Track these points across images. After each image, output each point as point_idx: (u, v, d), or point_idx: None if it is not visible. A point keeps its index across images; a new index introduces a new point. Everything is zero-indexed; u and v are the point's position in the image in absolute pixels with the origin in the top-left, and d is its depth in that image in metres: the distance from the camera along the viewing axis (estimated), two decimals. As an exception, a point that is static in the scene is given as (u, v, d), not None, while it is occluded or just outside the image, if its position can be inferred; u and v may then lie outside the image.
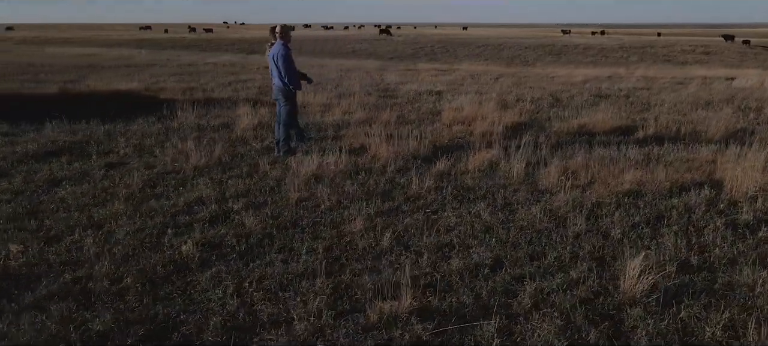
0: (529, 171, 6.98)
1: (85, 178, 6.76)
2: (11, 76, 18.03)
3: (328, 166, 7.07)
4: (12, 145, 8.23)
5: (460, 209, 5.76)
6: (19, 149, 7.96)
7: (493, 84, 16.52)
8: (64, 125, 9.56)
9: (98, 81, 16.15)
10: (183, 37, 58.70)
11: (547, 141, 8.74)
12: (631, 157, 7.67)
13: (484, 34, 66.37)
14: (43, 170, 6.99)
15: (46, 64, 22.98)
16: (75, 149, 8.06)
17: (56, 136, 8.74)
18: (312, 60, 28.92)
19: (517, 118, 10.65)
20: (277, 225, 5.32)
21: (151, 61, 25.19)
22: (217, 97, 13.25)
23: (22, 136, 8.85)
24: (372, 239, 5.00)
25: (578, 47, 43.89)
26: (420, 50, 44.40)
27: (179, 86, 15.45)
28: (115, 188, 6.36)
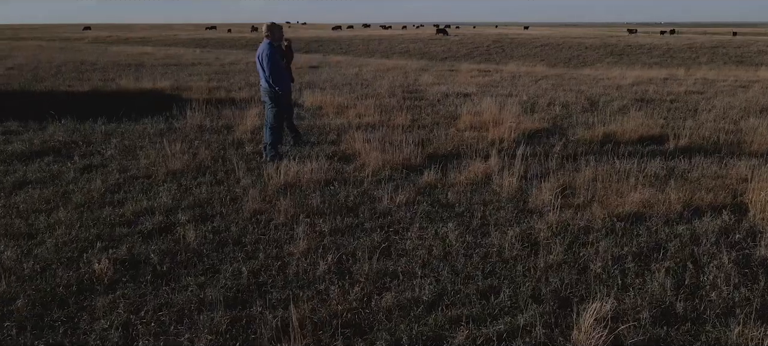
0: (523, 186, 6.22)
1: (54, 181, 6.54)
2: (59, 75, 18.58)
3: (303, 174, 6.56)
4: (6, 143, 8.19)
5: (427, 230, 5.11)
6: (11, 148, 7.90)
7: (530, 86, 15.55)
8: (69, 124, 9.52)
9: (133, 80, 16.31)
10: (242, 37, 59.90)
11: (563, 150, 7.92)
12: (649, 172, 6.76)
13: (545, 33, 64.10)
14: (19, 172, 6.84)
15: (98, 62, 23.69)
16: (63, 150, 7.92)
17: (52, 136, 8.66)
18: (356, 59, 28.58)
19: (539, 124, 9.81)
20: (217, 241, 4.86)
21: (197, 60, 25.55)
22: (236, 98, 13.03)
23: (22, 134, 8.84)
24: (310, 262, 4.44)
25: (643, 47, 41.47)
26: (474, 50, 43.28)
27: (206, 86, 15.38)
28: (75, 192, 6.09)
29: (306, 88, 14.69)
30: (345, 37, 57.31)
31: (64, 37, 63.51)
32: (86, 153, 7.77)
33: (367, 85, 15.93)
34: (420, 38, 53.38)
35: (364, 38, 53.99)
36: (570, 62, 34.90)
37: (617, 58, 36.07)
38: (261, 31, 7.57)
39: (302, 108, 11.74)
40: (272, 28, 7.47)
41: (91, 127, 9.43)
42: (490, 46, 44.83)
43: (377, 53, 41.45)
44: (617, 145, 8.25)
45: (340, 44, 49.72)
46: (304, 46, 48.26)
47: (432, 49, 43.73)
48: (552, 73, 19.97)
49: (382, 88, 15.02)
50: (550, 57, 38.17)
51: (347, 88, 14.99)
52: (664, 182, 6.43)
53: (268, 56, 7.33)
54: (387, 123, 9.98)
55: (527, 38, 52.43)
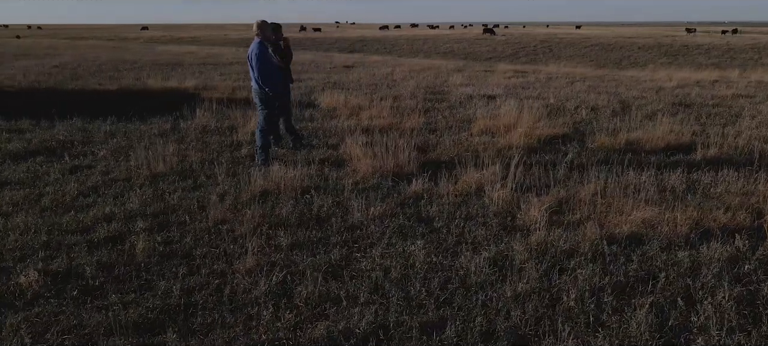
0: (517, 199, 5.65)
1: (34, 182, 6.41)
2: (96, 74, 19.00)
3: (285, 180, 6.19)
4: (8, 142, 8.19)
5: (394, 247, 4.64)
6: (10, 147, 7.88)
7: (564, 89, 14.74)
8: (78, 123, 9.51)
9: (161, 80, 16.44)
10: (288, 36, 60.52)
11: (576, 158, 7.28)
12: (666, 186, 6.07)
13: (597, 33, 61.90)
14: (6, 172, 6.77)
15: (139, 61, 24.19)
16: (58, 149, 7.84)
17: (54, 135, 8.63)
18: (395, 59, 28.17)
19: (559, 129, 9.13)
20: (166, 253, 4.55)
21: (236, 60, 25.73)
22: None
23: (27, 133, 8.86)
24: (252, 281, 4.06)
25: (700, 48, 39.30)
26: (520, 50, 42.14)
27: (231, 85, 15.30)
28: (48, 195, 5.92)
29: (329, 89, 14.38)
30: (391, 37, 57.03)
31: (122, 37, 65.85)
32: (79, 153, 7.67)
33: (394, 85, 15.50)
34: (465, 38, 52.50)
35: (409, 38, 53.56)
36: (619, 63, 33.42)
37: (671, 58, 34.29)
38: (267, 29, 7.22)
39: (317, 109, 11.43)
40: (263, 26, 7.14)
41: (97, 126, 9.39)
42: (537, 47, 43.54)
43: (420, 53, 40.94)
44: (638, 154, 7.54)
45: (384, 44, 49.44)
46: (348, 46, 48.31)
47: (476, 50, 42.84)
48: (592, 75, 18.99)
49: (407, 89, 14.55)
50: (600, 58, 36.69)
51: (370, 89, 14.61)
52: (679, 197, 5.73)
53: (256, 56, 7.01)
54: (397, 126, 9.53)
55: (577, 38, 50.73)
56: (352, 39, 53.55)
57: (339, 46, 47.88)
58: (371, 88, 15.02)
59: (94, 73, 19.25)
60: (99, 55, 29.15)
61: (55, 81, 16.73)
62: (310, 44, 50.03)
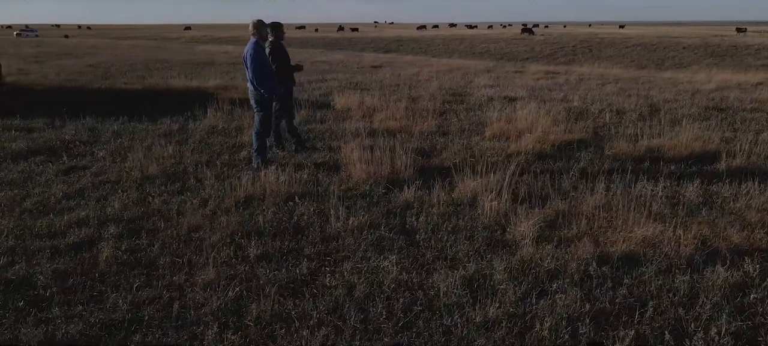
0: (512, 211, 5.27)
1: (25, 183, 6.36)
2: (127, 73, 19.30)
3: (271, 185, 5.96)
4: (13, 141, 8.23)
5: (368, 262, 4.34)
6: (14, 146, 7.91)
7: (593, 90, 14.11)
8: (89, 123, 9.54)
9: (185, 79, 16.56)
10: (326, 36, 60.77)
11: (589, 166, 6.83)
12: (682, 198, 5.58)
13: (640, 33, 59.88)
14: (1, 172, 6.76)
15: (172, 61, 24.54)
16: (60, 149, 7.82)
17: (61, 135, 8.65)
18: (426, 59, 27.78)
19: (577, 134, 8.65)
20: (129, 262, 4.36)
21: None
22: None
23: (36, 132, 8.91)
24: (206, 296, 3.83)
25: (750, 48, 37.40)
26: (558, 51, 41.07)
27: (254, 85, 15.23)
28: (32, 197, 5.85)
29: (349, 89, 14.15)
30: (427, 37, 56.58)
31: (165, 36, 67.39)
32: (80, 153, 7.63)
33: (416, 86, 15.16)
34: (503, 38, 51.59)
35: (445, 38, 52.99)
36: (662, 64, 32.15)
37: (717, 59, 32.77)
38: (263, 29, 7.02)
39: (331, 110, 11.20)
40: (258, 26, 6.93)
41: (107, 126, 9.38)
42: (576, 47, 42.36)
43: (456, 53, 40.40)
44: (657, 163, 7.02)
45: (420, 44, 49.05)
46: (384, 46, 48.13)
47: (513, 50, 41.99)
48: (627, 76, 18.20)
49: (429, 90, 14.20)
50: (641, 58, 35.40)
51: (391, 90, 14.31)
52: (692, 212, 5.25)
53: (251, 56, 6.80)
54: (408, 129, 9.21)
55: (619, 38, 49.17)
56: (388, 39, 53.34)
57: (374, 46, 47.73)
58: (393, 89, 14.73)
59: (125, 72, 19.55)
60: (137, 54, 29.74)
61: (84, 80, 17.03)
62: (346, 44, 50.10)
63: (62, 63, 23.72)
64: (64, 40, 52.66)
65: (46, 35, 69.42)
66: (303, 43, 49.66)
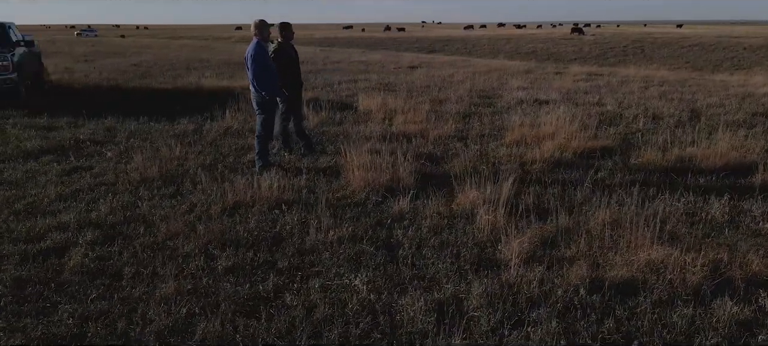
0: (507, 225, 4.86)
1: (26, 183, 6.35)
2: (165, 72, 19.66)
3: (262, 191, 5.74)
4: (29, 140, 8.33)
5: (340, 279, 4.04)
6: (28, 145, 7.98)
7: (634, 93, 13.34)
8: (108, 122, 9.61)
9: (215, 79, 16.70)
10: (372, 36, 60.74)
11: (609, 177, 6.35)
12: (703, 216, 5.05)
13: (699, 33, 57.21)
14: (6, 172, 6.80)
15: (211, 60, 24.94)
16: (70, 149, 7.84)
17: (76, 134, 8.71)
18: (466, 59, 27.25)
19: (603, 140, 8.11)
20: (95, 270, 4.20)
21: (307, 59, 25.77)
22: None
23: (54, 131, 9.02)
24: (157, 312, 3.61)
25: (819, 49, 35.07)
26: (608, 51, 39.59)
27: (284, 85, 15.16)
28: (27, 198, 5.81)
29: (378, 90, 13.88)
30: (473, 36, 55.77)
31: (216, 36, 68.88)
32: (89, 153, 7.63)
33: (448, 88, 14.75)
34: (551, 38, 50.25)
35: (491, 38, 52.07)
36: (719, 65, 30.44)
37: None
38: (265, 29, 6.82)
39: (353, 111, 10.95)
40: (260, 26, 6.73)
41: (125, 126, 9.41)
42: (628, 47, 40.74)
43: (501, 54, 39.52)
44: (685, 174, 6.44)
45: (465, 44, 48.31)
46: (428, 46, 47.66)
47: (561, 50, 40.74)
48: (675, 78, 17.22)
49: (459, 92, 13.77)
50: (697, 59, 33.65)
51: (420, 92, 13.96)
52: (713, 232, 4.71)
53: (252, 57, 6.60)
54: (426, 133, 8.86)
55: (675, 37, 47.09)
56: (433, 39, 52.84)
57: (418, 46, 47.31)
58: (422, 90, 14.37)
59: (164, 71, 19.91)
60: (181, 54, 30.41)
61: (123, 79, 17.40)
62: (391, 44, 49.92)
63: (108, 62, 24.44)
64: (119, 39, 54.55)
65: (105, 35, 72.24)
66: (348, 43, 49.79)
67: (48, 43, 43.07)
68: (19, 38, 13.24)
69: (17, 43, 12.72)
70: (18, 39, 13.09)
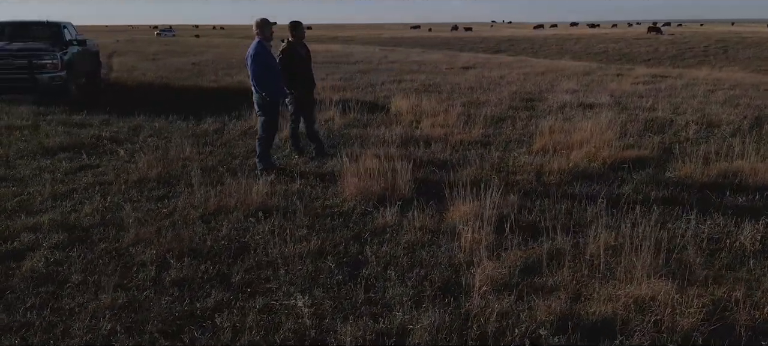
0: (492, 244, 4.36)
1: (31, 180, 6.40)
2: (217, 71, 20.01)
3: (246, 197, 5.49)
4: (53, 136, 8.50)
5: (288, 299, 3.71)
6: (49, 142, 8.11)
7: (696, 98, 12.21)
8: (136, 120, 9.73)
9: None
10: (438, 36, 60.14)
11: (634, 193, 5.68)
12: (728, 244, 4.35)
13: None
14: (18, 167, 6.91)
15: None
16: (88, 147, 7.90)
17: (100, 132, 8.83)
18: (525, 60, 26.21)
19: (640, 150, 7.37)
20: (44, 276, 4.06)
21: (363, 59, 25.63)
22: (333, 99, 12.18)
23: (82, 128, 9.19)
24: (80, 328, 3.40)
25: None
26: (687, 52, 37.22)
27: (328, 85, 14.99)
28: (21, 196, 5.83)
29: (418, 92, 13.47)
30: (541, 36, 54.03)
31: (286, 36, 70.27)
32: (103, 152, 7.67)
33: (493, 89, 14.11)
34: (625, 38, 47.87)
35: (560, 38, 50.24)
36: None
37: None
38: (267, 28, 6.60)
39: (384, 113, 10.60)
40: (262, 25, 6.50)
41: (152, 124, 9.48)
42: (709, 47, 38.13)
43: (568, 54, 38.06)
44: (724, 192, 5.67)
45: (533, 44, 46.92)
46: (493, 46, 46.67)
47: (634, 50, 38.71)
48: (750, 81, 15.73)
49: (503, 94, 13.12)
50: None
51: (462, 93, 13.44)
52: (735, 263, 4.03)
53: (252, 57, 6.39)
54: (449, 137, 8.39)
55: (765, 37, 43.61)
56: (499, 39, 51.64)
57: (484, 46, 46.39)
58: (465, 92, 13.81)
59: (218, 70, 20.26)
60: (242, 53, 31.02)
61: (176, 78, 17.82)
62: (455, 44, 49.24)
63: (172, 61, 25.23)
64: (193, 39, 56.64)
65: (182, 35, 75.44)
66: (413, 43, 49.52)
67: (127, 42, 45.39)
68: (72, 38, 13.76)
69: (70, 43, 13.21)
70: (71, 38, 13.59)
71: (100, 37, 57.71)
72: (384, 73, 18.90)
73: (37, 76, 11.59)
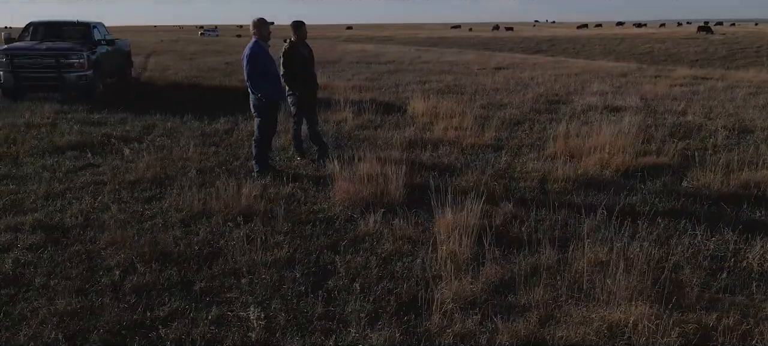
0: (468, 259, 4.10)
1: (32, 179, 6.45)
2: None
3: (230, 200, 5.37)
4: (66, 135, 8.60)
5: (241, 311, 3.54)
6: (60, 140, 8.18)
7: (735, 101, 11.54)
8: (150, 120, 9.79)
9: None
10: (477, 36, 59.38)
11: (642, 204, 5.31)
12: (735, 264, 3.97)
13: None
14: (24, 165, 6.98)
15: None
16: (95, 146, 7.91)
17: (113, 130, 8.91)
18: (562, 60, 25.48)
19: (660, 157, 6.96)
20: (6, 280, 4.01)
21: (396, 59, 25.41)
22: (353, 99, 11.97)
23: (103, 126, 9.30)
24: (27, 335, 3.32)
25: None
26: (738, 53, 35.52)
27: (351, 85, 14.87)
28: (18, 194, 5.87)
29: (441, 93, 13.19)
30: (584, 36, 52.62)
31: (325, 36, 70.70)
32: (109, 151, 7.70)
33: (518, 91, 13.67)
34: (672, 38, 46.12)
35: (604, 38, 48.82)
36: None
37: None
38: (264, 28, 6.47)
39: (400, 114, 10.38)
40: (259, 25, 6.36)
41: (164, 123, 9.51)
42: (762, 48, 36.31)
43: (612, 55, 36.89)
44: (742, 204, 5.24)
45: (574, 44, 45.71)
46: (533, 47, 45.71)
47: (681, 51, 37.21)
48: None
49: (527, 96, 12.71)
50: None
51: (485, 95, 13.09)
52: (737, 285, 3.65)
53: (247, 57, 6.27)
54: (462, 141, 8.11)
55: (824, 37, 41.30)
56: (540, 39, 50.53)
57: (523, 46, 45.48)
58: (490, 93, 13.46)
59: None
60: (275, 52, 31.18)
61: (205, 77, 18.00)
62: (494, 44, 48.45)
63: (207, 60, 25.58)
64: (234, 39, 57.49)
65: (224, 35, 76.84)
66: (450, 44, 48.98)
67: (171, 42, 46.45)
68: (101, 37, 14.03)
69: (98, 43, 13.47)
70: (100, 38, 13.86)
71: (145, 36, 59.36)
72: (412, 73, 18.64)
73: (64, 75, 11.83)
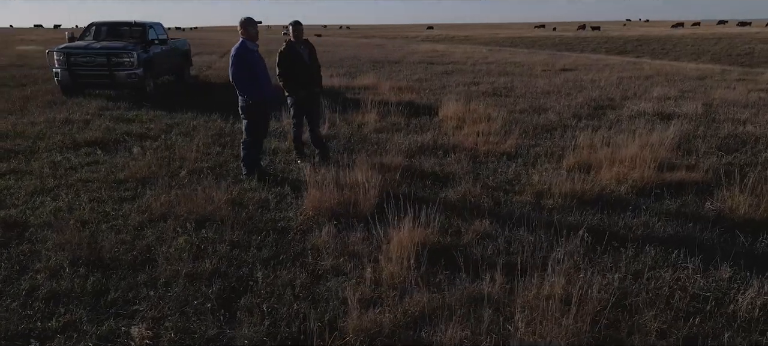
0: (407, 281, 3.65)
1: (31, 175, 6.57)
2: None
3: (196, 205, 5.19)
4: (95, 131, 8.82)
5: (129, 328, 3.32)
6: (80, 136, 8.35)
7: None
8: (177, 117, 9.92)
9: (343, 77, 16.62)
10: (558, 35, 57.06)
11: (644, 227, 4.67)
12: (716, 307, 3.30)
13: None
14: (37, 160, 7.19)
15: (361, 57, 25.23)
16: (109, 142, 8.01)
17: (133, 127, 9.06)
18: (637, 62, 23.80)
19: (687, 173, 6.13)
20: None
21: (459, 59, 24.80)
22: (393, 100, 11.59)
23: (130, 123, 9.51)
24: None
25: None
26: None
27: (397, 85, 14.53)
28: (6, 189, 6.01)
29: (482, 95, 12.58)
30: (676, 36, 49.17)
31: (405, 35, 70.62)
32: (122, 148, 7.79)
33: (570, 95, 12.79)
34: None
35: (697, 38, 45.35)
36: None
37: None
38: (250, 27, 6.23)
39: (428, 117, 9.93)
40: (245, 25, 6.13)
41: (189, 122, 9.58)
42: None
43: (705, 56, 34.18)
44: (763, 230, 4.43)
45: (663, 45, 42.70)
46: (619, 47, 43.21)
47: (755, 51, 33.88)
48: None
49: (576, 99, 11.85)
50: None
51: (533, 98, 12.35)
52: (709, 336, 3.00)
53: (232, 58, 6.07)
54: (478, 148, 7.59)
55: None
56: (627, 39, 47.66)
57: (607, 47, 43.06)
58: (538, 96, 12.68)
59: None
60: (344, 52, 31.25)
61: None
62: (576, 45, 46.23)
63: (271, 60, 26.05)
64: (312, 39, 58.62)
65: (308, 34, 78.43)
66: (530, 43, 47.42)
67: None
68: (156, 37, 14.49)
69: (151, 42, 13.91)
70: (154, 38, 14.31)
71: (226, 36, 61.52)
72: (469, 74, 18.01)
73: (115, 73, 12.30)
